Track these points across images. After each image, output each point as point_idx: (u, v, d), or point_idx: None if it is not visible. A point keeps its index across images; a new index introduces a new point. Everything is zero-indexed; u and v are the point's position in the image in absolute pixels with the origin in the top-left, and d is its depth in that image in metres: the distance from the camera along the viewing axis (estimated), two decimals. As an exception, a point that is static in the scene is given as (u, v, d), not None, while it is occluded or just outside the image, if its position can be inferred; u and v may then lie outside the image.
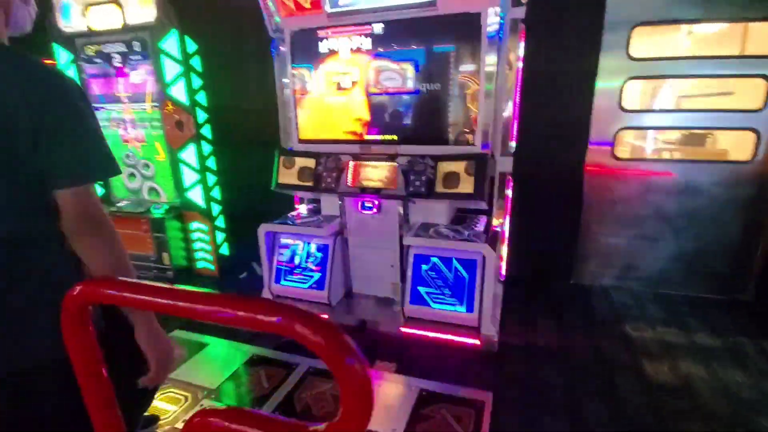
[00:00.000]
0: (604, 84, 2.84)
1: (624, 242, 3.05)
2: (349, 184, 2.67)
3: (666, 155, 3.50)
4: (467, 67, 2.43)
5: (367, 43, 2.59)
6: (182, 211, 3.46)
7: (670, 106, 3.46)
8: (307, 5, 2.63)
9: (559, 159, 3.01)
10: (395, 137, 2.69)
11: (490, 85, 2.44)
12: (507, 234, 2.92)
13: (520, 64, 2.57)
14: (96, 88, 3.48)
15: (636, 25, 2.70)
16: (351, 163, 2.69)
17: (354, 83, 2.69)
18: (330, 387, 1.98)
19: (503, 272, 3.02)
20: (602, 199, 3.04)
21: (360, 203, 2.71)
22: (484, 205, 2.54)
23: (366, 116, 2.73)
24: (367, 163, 2.66)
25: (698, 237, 2.89)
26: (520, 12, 2.49)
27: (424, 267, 2.59)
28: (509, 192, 2.81)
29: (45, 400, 0.93)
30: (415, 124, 2.66)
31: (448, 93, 2.53)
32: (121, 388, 0.79)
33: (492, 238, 2.54)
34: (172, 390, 1.98)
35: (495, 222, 2.83)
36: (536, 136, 2.92)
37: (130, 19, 3.12)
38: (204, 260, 3.57)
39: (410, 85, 2.58)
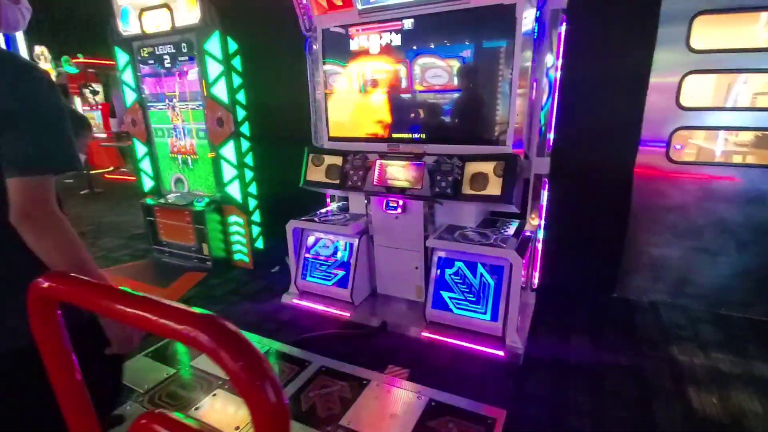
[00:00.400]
0: (658, 79, 2.57)
1: (677, 254, 2.74)
2: (374, 182, 2.64)
3: (732, 158, 3.11)
4: (500, 62, 2.30)
5: (396, 40, 2.54)
6: (221, 205, 3.62)
7: (738, 103, 3.06)
8: (339, 2, 2.63)
9: (604, 160, 2.77)
10: (423, 136, 2.62)
11: (524, 81, 2.29)
12: (541, 240, 2.75)
13: (560, 61, 2.40)
14: (149, 87, 3.72)
15: (698, 14, 2.41)
16: (377, 162, 2.65)
17: (382, 81, 2.65)
18: (338, 388, 1.96)
19: (536, 281, 2.85)
20: (653, 205, 2.76)
21: (385, 203, 2.67)
22: (514, 209, 2.40)
23: (394, 114, 2.68)
24: (393, 161, 2.61)
25: (766, 252, 2.54)
26: (561, 2, 2.33)
27: (448, 271, 2.50)
28: (545, 195, 2.64)
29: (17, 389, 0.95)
30: (444, 123, 2.57)
31: (479, 90, 2.41)
32: (91, 374, 0.80)
33: (522, 243, 2.39)
34: (189, 377, 2.07)
35: (529, 227, 2.67)
36: (579, 135, 2.70)
37: (178, 21, 3.30)
38: (240, 252, 3.71)
39: (439, 82, 2.49)
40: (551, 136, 2.54)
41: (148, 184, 4.09)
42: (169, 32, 3.36)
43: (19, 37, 11.17)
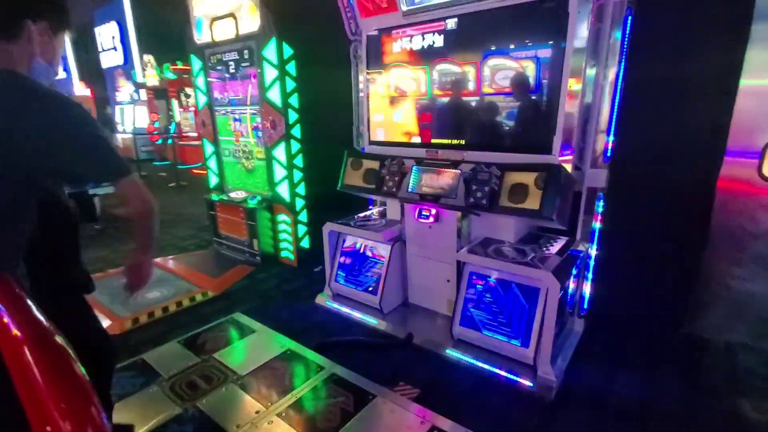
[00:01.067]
0: (752, 81, 2.14)
1: (765, 290, 2.27)
2: (409, 189, 2.55)
3: None
4: (549, 62, 2.08)
5: (439, 41, 2.43)
6: (272, 204, 3.78)
7: None
8: (384, 4, 2.59)
9: (677, 174, 2.38)
10: (462, 141, 2.47)
11: (576, 84, 2.05)
12: (593, 260, 2.45)
13: (623, 61, 2.12)
14: (217, 91, 4.02)
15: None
16: (414, 168, 2.56)
17: (423, 85, 2.55)
18: (343, 399, 1.91)
19: (585, 305, 2.55)
20: (738, 229, 2.31)
21: (417, 211, 2.57)
22: (556, 224, 2.16)
23: (434, 119, 2.57)
24: (429, 168, 2.50)
25: None
26: (627, -7, 2.05)
27: (479, 287, 2.33)
28: (600, 211, 2.35)
29: None
30: (485, 129, 2.40)
31: (522, 94, 2.21)
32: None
33: (564, 264, 2.15)
34: (207, 369, 2.19)
35: (579, 245, 2.40)
36: (645, 144, 2.37)
37: (242, 29, 3.51)
38: (287, 250, 3.84)
39: (477, 86, 2.33)
40: (609, 145, 2.25)
41: (213, 180, 4.42)
42: (234, 40, 3.60)
43: (134, 46, 12.83)
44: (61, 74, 16.80)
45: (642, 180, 2.43)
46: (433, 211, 2.51)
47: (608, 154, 2.28)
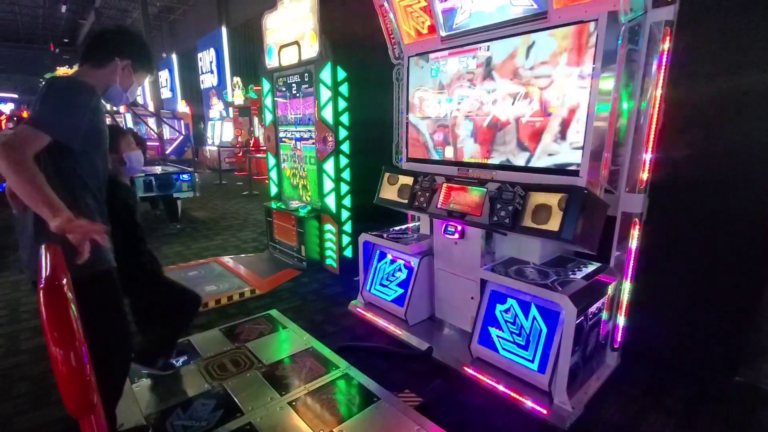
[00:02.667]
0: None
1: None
2: (438, 205, 2.63)
3: None
4: (579, 83, 2.06)
5: (472, 64, 2.52)
6: (320, 214, 4.06)
7: None
8: (425, 30, 2.74)
9: (728, 203, 2.18)
10: (492, 161, 2.50)
11: (605, 105, 2.01)
12: (627, 290, 2.31)
13: (661, 82, 2.03)
14: (281, 110, 4.45)
15: None
16: (444, 185, 2.64)
17: (458, 105, 2.64)
18: (349, 398, 2.01)
19: (618, 337, 2.40)
20: (805, 270, 2.05)
21: (444, 226, 2.63)
22: (578, 247, 2.10)
23: (465, 138, 2.64)
24: (457, 185, 2.56)
25: None
26: (668, 13, 1.98)
27: (500, 307, 2.32)
28: (636, 238, 2.23)
29: None
30: (514, 148, 2.41)
31: (552, 115, 2.20)
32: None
33: (587, 290, 2.08)
34: (238, 355, 2.43)
35: (612, 273, 2.29)
36: (691, 169, 2.22)
37: (304, 55, 3.89)
38: (330, 258, 4.08)
39: (511, 107, 2.36)
40: (647, 169, 2.15)
41: (273, 190, 4.85)
42: (297, 65, 3.99)
43: (227, 70, 14.38)
44: (167, 93, 19.42)
45: (686, 207, 2.27)
46: (459, 228, 2.55)
47: (646, 179, 2.17)
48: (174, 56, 18.82)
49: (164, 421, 1.90)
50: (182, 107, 14.95)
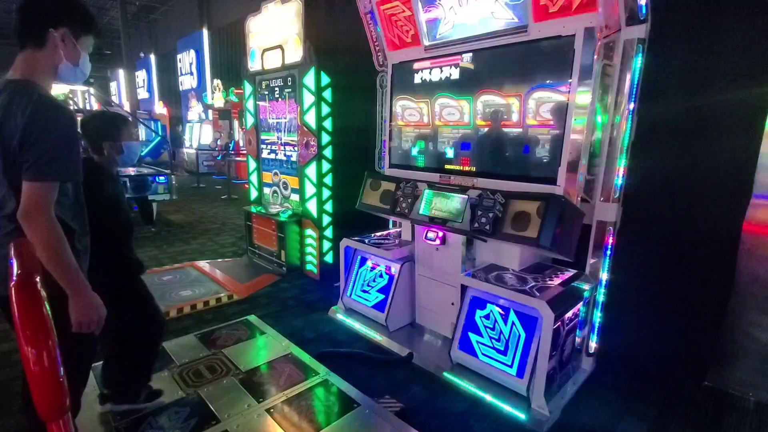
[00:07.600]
0: (779, 119, 2.05)
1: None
2: (420, 211, 2.65)
3: None
4: (558, 97, 2.13)
5: (455, 74, 2.57)
6: (301, 219, 4.02)
7: None
8: (408, 39, 2.78)
9: (697, 214, 2.28)
10: (473, 169, 2.55)
11: (581, 118, 2.08)
12: (602, 296, 2.38)
13: (636, 96, 2.12)
14: (262, 114, 4.41)
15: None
16: (426, 191, 2.67)
17: (440, 114, 2.68)
18: (328, 405, 2.00)
19: (593, 343, 2.46)
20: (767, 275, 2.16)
21: (425, 232, 2.65)
22: (556, 254, 2.15)
23: (448, 146, 2.68)
24: (439, 192, 2.59)
25: None
26: (640, 31, 2.08)
27: (480, 312, 2.35)
28: (611, 246, 2.30)
29: None
30: (495, 157, 2.47)
31: (532, 126, 2.26)
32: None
33: (563, 296, 2.13)
34: (215, 362, 2.38)
35: (587, 280, 2.35)
36: (662, 181, 2.31)
37: (287, 59, 3.87)
38: (311, 264, 4.04)
39: (491, 117, 2.42)
40: (620, 179, 2.23)
41: (254, 194, 4.78)
42: (280, 68, 3.97)
43: (207, 72, 14.18)
44: (144, 94, 18.94)
45: (657, 218, 2.36)
46: (440, 234, 2.58)
47: (619, 189, 2.25)
48: (152, 56, 18.42)
49: (135, 430, 1.83)
50: (160, 108, 14.61)
